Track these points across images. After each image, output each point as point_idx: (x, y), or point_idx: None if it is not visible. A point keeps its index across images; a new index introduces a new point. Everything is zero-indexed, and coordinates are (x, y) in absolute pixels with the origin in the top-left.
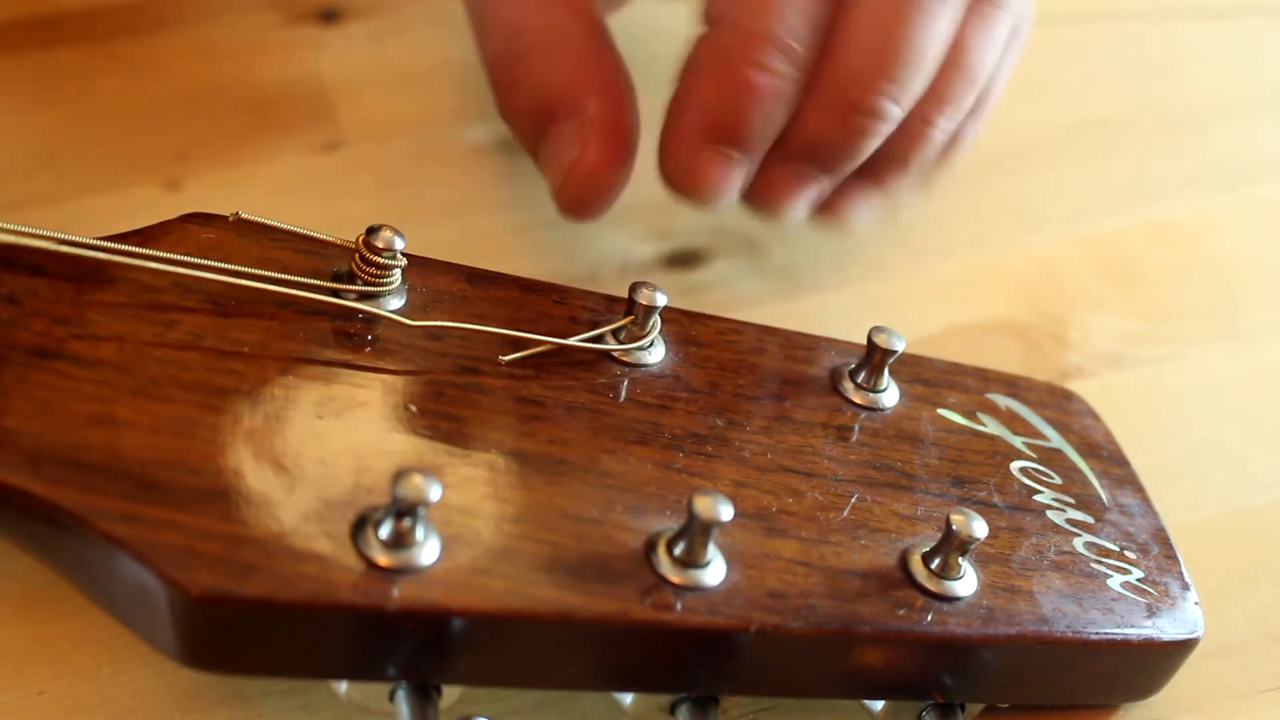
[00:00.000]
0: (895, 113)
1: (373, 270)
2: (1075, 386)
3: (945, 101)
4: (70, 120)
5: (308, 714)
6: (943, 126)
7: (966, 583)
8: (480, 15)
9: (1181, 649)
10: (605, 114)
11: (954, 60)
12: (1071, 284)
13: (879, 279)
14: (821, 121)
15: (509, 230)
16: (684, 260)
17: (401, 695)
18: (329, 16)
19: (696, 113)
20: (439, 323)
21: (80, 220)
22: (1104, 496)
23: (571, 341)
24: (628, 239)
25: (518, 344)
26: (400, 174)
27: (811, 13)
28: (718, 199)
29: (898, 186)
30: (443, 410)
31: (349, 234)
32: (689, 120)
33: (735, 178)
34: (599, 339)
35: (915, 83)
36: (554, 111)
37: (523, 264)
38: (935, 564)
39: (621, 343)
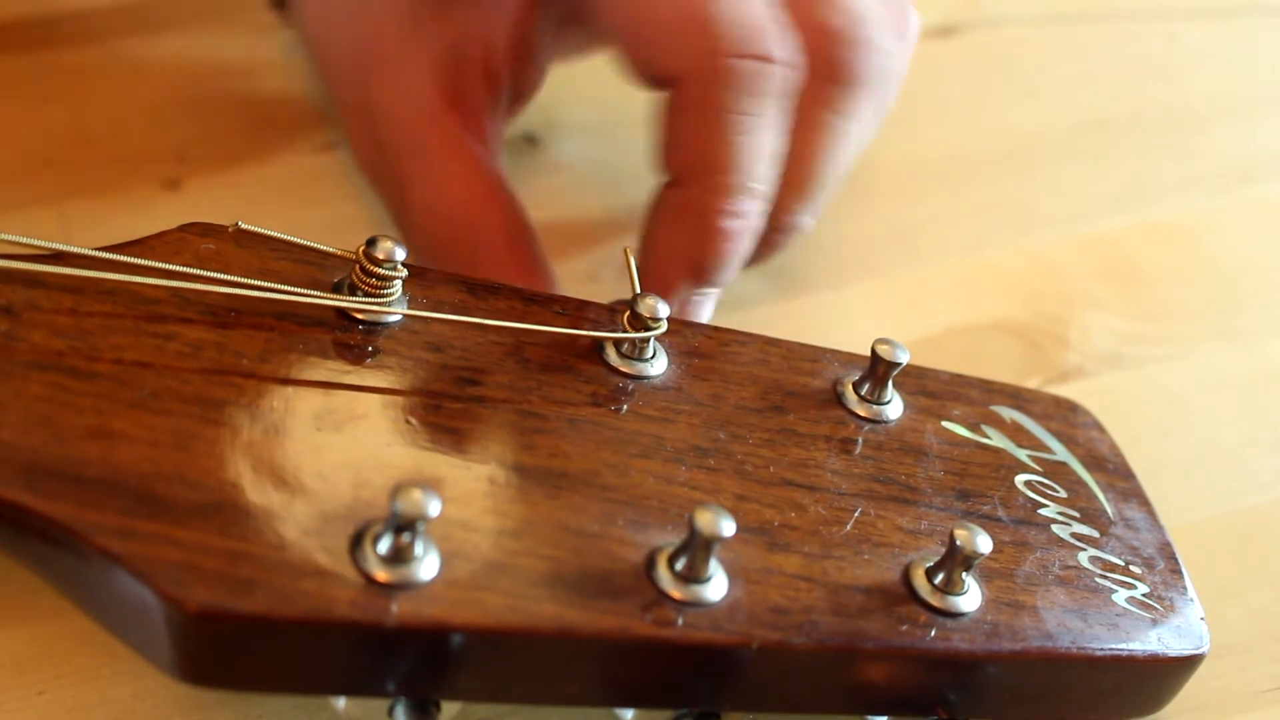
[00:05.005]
0: (810, 224)
1: (373, 281)
2: (1075, 386)
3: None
4: (70, 120)
5: (307, 714)
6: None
7: (970, 598)
8: (392, 207)
9: (1187, 665)
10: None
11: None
12: (1071, 284)
13: (879, 279)
14: None
15: None
16: None
17: (400, 711)
18: None
19: (679, 268)
20: (436, 315)
21: (80, 220)
22: (1109, 510)
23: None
24: (628, 239)
25: (518, 345)
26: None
27: (771, 154)
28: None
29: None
30: (443, 423)
31: (348, 234)
32: (673, 274)
33: (710, 308)
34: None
35: (827, 195)
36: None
37: None
38: (939, 579)
39: (624, 355)
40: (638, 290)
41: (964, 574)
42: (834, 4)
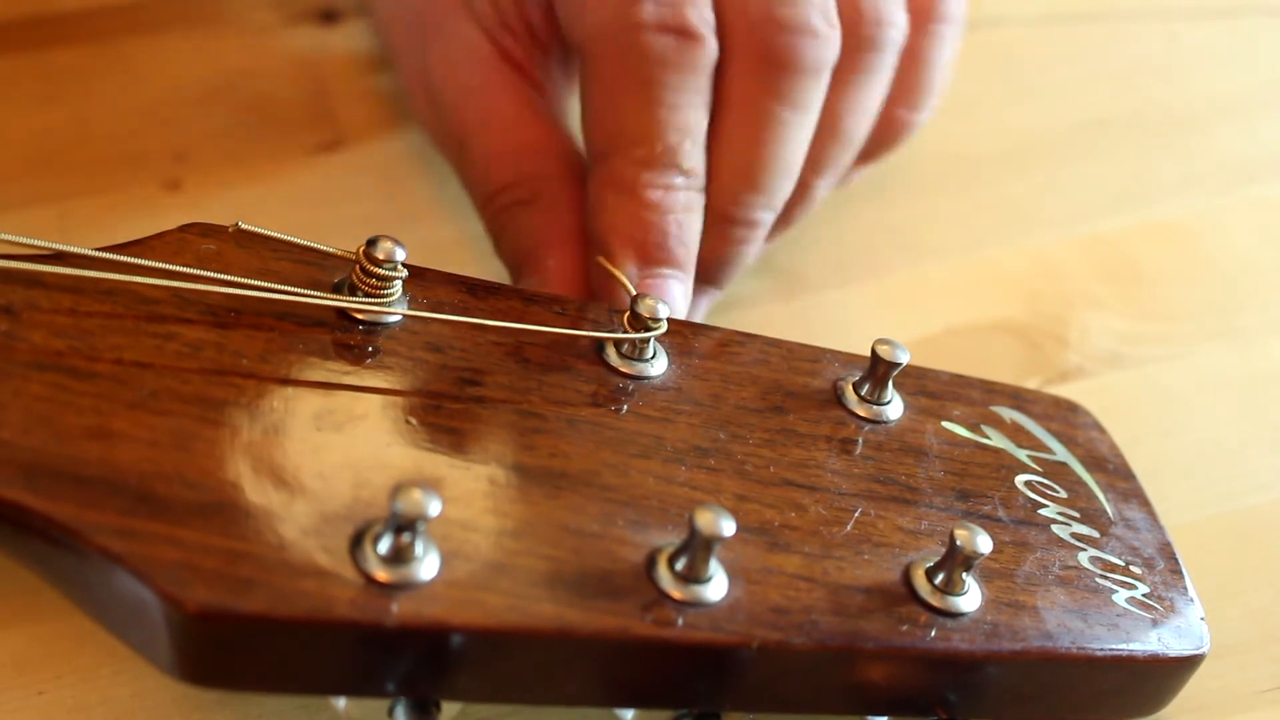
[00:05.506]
0: (770, 218)
1: (373, 281)
2: (1075, 386)
3: (824, 166)
4: (70, 120)
5: (307, 714)
6: (822, 187)
7: (970, 598)
8: (455, 164)
9: (1187, 665)
10: (564, 264)
11: (829, 127)
12: (1071, 284)
13: (879, 279)
14: (704, 238)
15: None
16: None
17: (400, 711)
18: (329, 16)
19: (619, 245)
20: (436, 315)
21: (80, 220)
22: (1109, 510)
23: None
24: None
25: (518, 346)
26: (400, 174)
27: (693, 129)
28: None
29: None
30: (443, 423)
31: (348, 235)
32: (616, 252)
33: (677, 295)
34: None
35: (786, 186)
36: (522, 266)
37: None
38: (939, 579)
39: (624, 355)
40: (632, 291)
41: (964, 574)
42: None
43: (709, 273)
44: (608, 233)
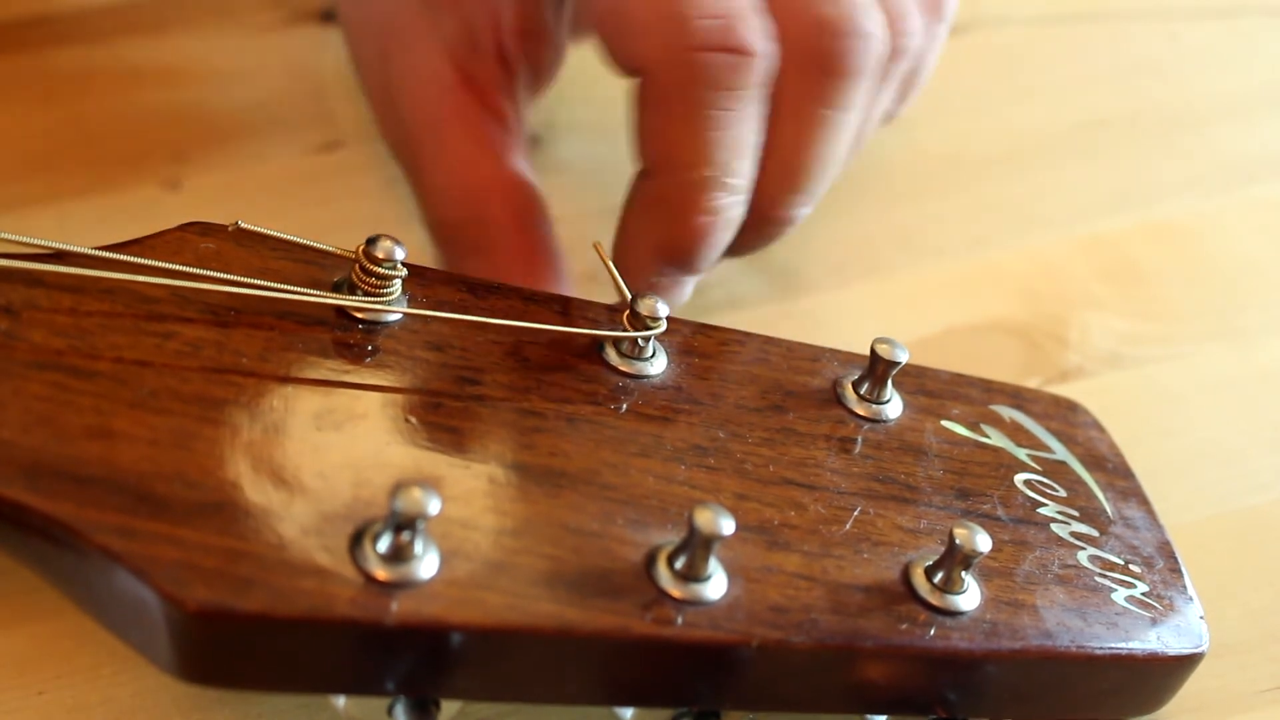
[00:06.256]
0: (805, 214)
1: (373, 280)
2: (1075, 386)
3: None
4: (70, 120)
5: (307, 714)
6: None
7: (970, 597)
8: (409, 179)
9: (1186, 663)
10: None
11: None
12: (1071, 284)
13: (879, 279)
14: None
15: None
16: None
17: (400, 710)
18: (329, 16)
19: (650, 257)
20: (436, 314)
21: (80, 220)
22: (1109, 509)
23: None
24: None
25: (517, 344)
26: (400, 174)
27: (744, 145)
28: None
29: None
30: (442, 422)
31: (348, 235)
32: (645, 263)
33: (687, 291)
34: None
35: (827, 184)
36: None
37: None
38: (938, 578)
39: (624, 354)
40: (618, 281)
41: (963, 573)
42: None
43: (734, 252)
44: (643, 241)
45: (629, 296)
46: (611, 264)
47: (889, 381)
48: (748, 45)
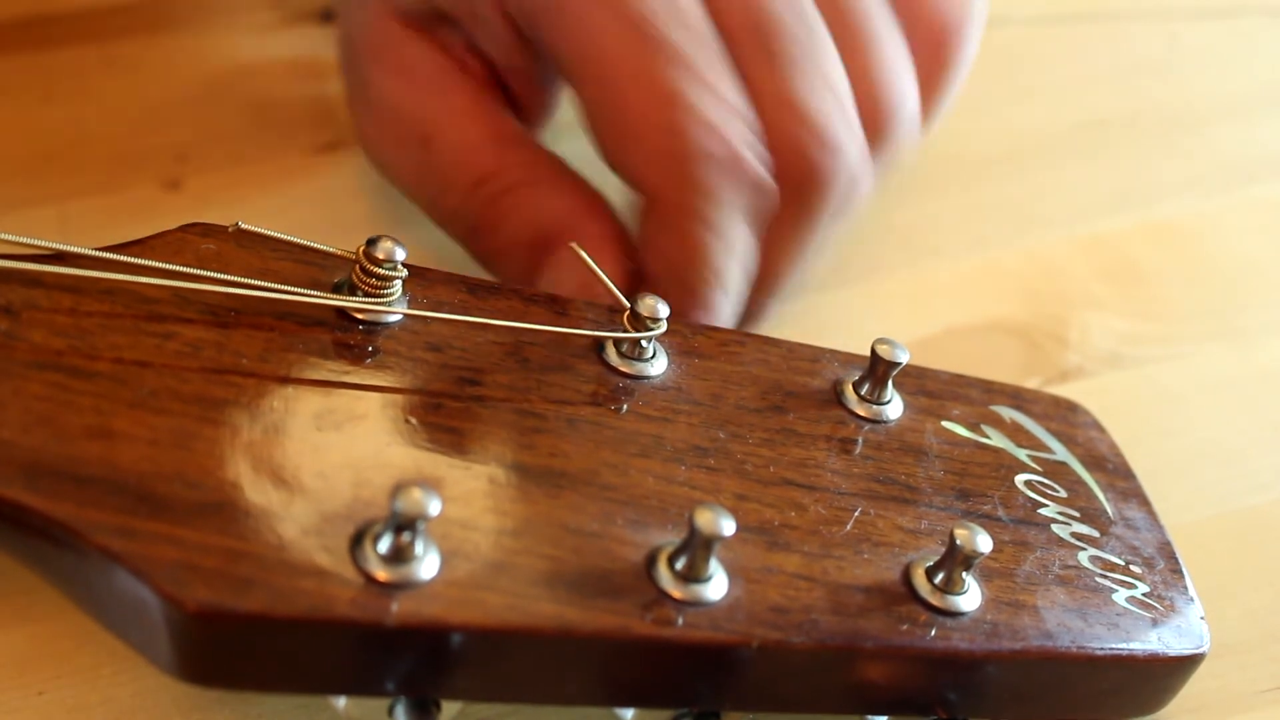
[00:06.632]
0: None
1: (373, 281)
2: (1075, 386)
3: None
4: (70, 120)
5: (307, 714)
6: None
7: (970, 597)
8: (417, 173)
9: (1187, 664)
10: (605, 230)
11: None
12: (1071, 284)
13: (879, 279)
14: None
15: None
16: None
17: (400, 711)
18: (329, 16)
19: (674, 284)
20: (436, 315)
21: (80, 220)
22: (1109, 510)
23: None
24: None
25: (518, 345)
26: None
27: (742, 264)
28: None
29: None
30: (442, 423)
31: (348, 235)
32: (672, 291)
33: (726, 309)
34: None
35: (801, 275)
36: (550, 242)
37: None
38: (939, 579)
39: (624, 354)
40: (620, 298)
41: (964, 573)
42: (803, 120)
43: None
44: (660, 270)
45: (619, 297)
46: (593, 263)
47: (889, 382)
48: (749, 179)
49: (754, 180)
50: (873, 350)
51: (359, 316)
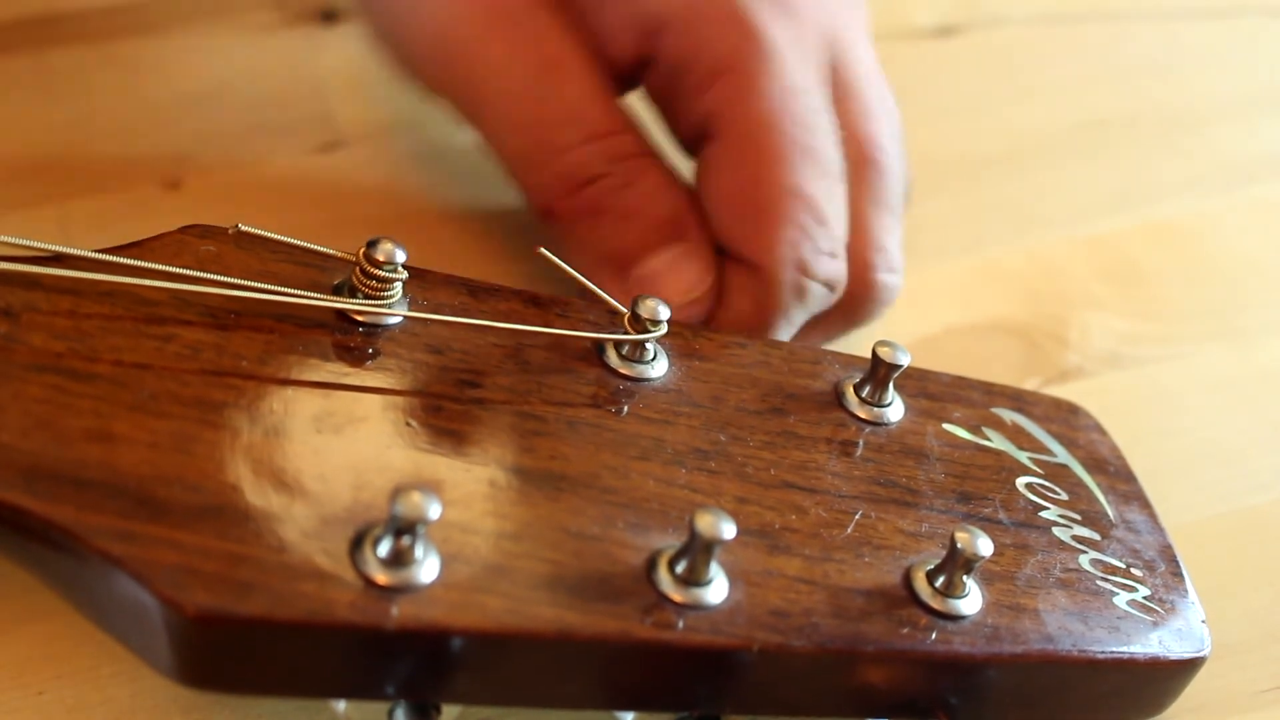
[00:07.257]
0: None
1: (373, 283)
2: (1075, 386)
3: None
4: (70, 120)
5: (307, 717)
6: None
7: (971, 601)
8: (519, 93)
9: (1188, 667)
10: (705, 237)
11: None
12: (1071, 284)
13: None
14: None
15: (508, 231)
16: None
17: (400, 714)
18: (329, 16)
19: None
20: (436, 317)
21: (80, 220)
22: (1110, 513)
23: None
24: None
25: (518, 347)
26: (400, 174)
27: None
28: None
29: None
30: (442, 425)
31: (348, 235)
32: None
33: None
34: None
35: None
36: (677, 226)
37: (522, 264)
38: (940, 582)
39: (625, 357)
40: (619, 307)
41: (965, 577)
42: (880, 247)
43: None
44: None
45: (611, 301)
46: (566, 265)
47: (890, 384)
48: (841, 284)
49: (831, 298)
50: (874, 352)
51: (359, 319)
